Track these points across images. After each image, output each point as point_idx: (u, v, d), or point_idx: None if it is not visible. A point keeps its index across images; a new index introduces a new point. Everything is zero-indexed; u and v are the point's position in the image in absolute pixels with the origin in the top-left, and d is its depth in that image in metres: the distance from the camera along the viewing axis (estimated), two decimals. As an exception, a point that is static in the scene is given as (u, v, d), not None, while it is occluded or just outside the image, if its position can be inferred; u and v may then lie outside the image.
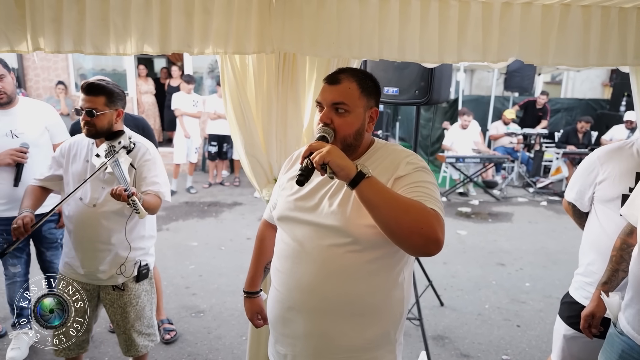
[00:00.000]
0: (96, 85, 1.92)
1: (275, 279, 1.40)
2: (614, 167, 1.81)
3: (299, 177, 1.13)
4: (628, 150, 1.83)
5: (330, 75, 1.31)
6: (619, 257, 1.62)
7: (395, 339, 1.37)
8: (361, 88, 1.28)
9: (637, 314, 1.38)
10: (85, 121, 1.90)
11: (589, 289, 1.86)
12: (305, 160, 1.14)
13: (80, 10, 1.76)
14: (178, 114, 6.42)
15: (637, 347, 1.38)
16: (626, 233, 1.62)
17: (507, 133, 7.87)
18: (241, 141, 2.06)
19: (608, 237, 1.78)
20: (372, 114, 1.32)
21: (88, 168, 1.96)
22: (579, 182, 1.95)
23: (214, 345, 2.95)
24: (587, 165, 1.92)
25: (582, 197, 1.94)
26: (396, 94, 2.72)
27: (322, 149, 1.11)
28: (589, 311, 1.69)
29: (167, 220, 5.41)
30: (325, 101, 1.27)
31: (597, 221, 1.88)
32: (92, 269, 1.98)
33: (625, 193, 1.76)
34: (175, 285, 3.73)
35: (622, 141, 1.91)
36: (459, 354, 2.92)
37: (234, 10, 1.81)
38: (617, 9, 1.99)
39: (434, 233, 1.09)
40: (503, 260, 4.49)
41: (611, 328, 1.53)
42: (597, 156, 1.90)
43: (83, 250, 1.98)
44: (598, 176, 1.85)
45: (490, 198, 6.94)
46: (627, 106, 8.28)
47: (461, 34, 1.93)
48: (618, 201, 1.77)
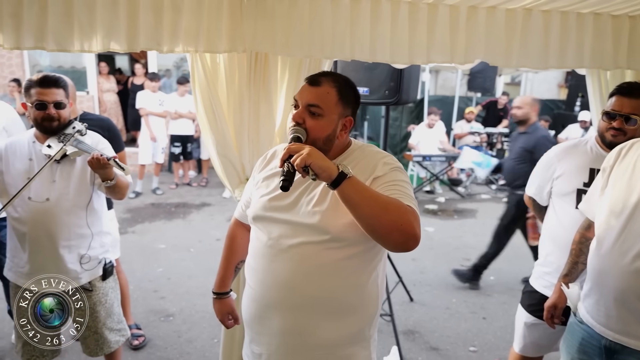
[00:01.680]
0: (55, 77, 1.86)
1: (251, 277, 1.39)
2: (569, 163, 1.91)
3: (283, 183, 1.11)
4: (583, 147, 1.92)
5: (313, 76, 1.31)
6: (578, 250, 1.70)
7: (370, 335, 1.39)
8: (340, 95, 1.28)
9: (595, 303, 1.45)
10: (49, 115, 1.83)
11: (548, 278, 1.96)
12: (285, 163, 1.13)
13: (42, 6, 1.70)
14: (143, 113, 6.25)
15: (595, 334, 1.45)
16: (584, 227, 1.69)
17: (470, 132, 8.10)
18: (212, 141, 2.04)
19: (564, 229, 1.89)
20: (346, 122, 1.32)
21: (34, 166, 1.87)
22: (538, 178, 2.06)
23: (184, 349, 2.90)
24: (545, 162, 2.02)
25: (541, 192, 2.04)
26: (366, 94, 2.76)
27: (302, 151, 1.10)
28: (551, 302, 1.76)
29: (132, 223, 5.27)
30: (302, 100, 1.27)
31: (554, 214, 1.98)
32: (54, 271, 1.89)
33: (579, 187, 1.86)
34: (142, 289, 3.64)
35: (578, 139, 2.02)
36: (429, 348, 2.99)
37: (205, 8, 1.79)
38: (575, 14, 2.09)
39: (412, 229, 1.13)
40: (469, 255, 4.62)
41: (571, 317, 1.60)
42: (554, 153, 2.00)
43: (43, 253, 1.88)
44: (555, 172, 1.95)
45: (456, 195, 7.13)
46: (581, 106, 8.69)
47: (430, 36, 1.98)
48: (573, 195, 1.87)
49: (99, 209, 2.01)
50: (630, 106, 1.70)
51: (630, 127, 1.72)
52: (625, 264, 1.34)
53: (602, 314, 1.42)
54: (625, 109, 1.71)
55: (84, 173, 1.92)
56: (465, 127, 8.20)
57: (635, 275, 1.32)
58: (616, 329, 1.39)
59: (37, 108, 1.83)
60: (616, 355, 1.40)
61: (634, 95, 1.71)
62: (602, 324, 1.42)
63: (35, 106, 1.83)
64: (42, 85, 1.83)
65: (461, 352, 2.95)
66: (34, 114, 1.84)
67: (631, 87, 1.73)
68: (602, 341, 1.42)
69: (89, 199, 1.93)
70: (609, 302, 1.39)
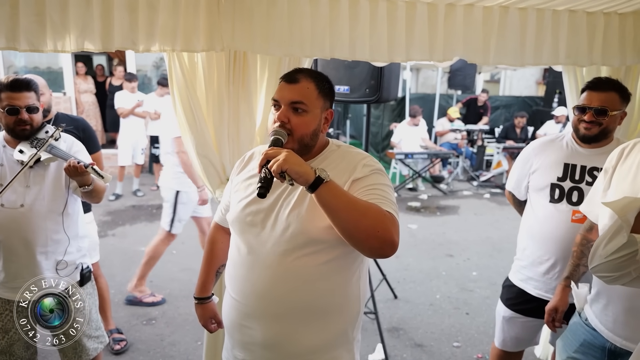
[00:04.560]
0: (26, 80, 1.80)
1: (230, 286, 1.37)
2: (545, 158, 1.95)
3: (260, 190, 1.10)
4: (559, 142, 1.97)
5: (289, 74, 1.29)
6: (580, 252, 1.66)
7: (353, 337, 1.39)
8: (319, 89, 1.28)
9: (603, 308, 1.42)
10: (21, 120, 1.78)
11: (524, 272, 2.00)
12: (263, 169, 1.12)
13: (13, 5, 1.65)
14: (121, 112, 6.14)
15: (601, 338, 1.43)
16: (586, 229, 1.66)
17: (451, 129, 8.19)
18: (192, 141, 2.01)
19: (539, 223, 1.93)
20: (328, 115, 1.32)
21: (6, 171, 1.81)
22: (516, 172, 2.09)
23: (167, 352, 2.86)
24: (523, 157, 2.06)
25: (519, 186, 2.08)
26: (347, 92, 2.76)
27: (278, 156, 1.09)
28: (553, 305, 1.73)
29: (112, 225, 5.17)
30: (284, 100, 1.25)
31: (531, 209, 2.01)
32: (30, 279, 1.84)
33: (553, 182, 1.90)
34: (123, 293, 3.58)
35: (556, 134, 2.06)
36: (414, 344, 3.02)
37: (181, 7, 1.77)
38: (550, 12, 2.13)
39: (389, 236, 1.12)
40: (452, 252, 4.68)
41: (576, 317, 1.57)
42: (532, 148, 2.04)
43: (18, 260, 1.83)
44: (532, 166, 1.99)
45: (438, 192, 7.20)
46: (559, 102, 8.85)
47: (409, 34, 1.99)
48: (547, 189, 1.91)
49: (74, 212, 1.97)
50: (599, 99, 1.78)
51: (602, 119, 1.78)
52: None
53: (610, 319, 1.40)
54: (595, 102, 1.78)
55: (58, 177, 1.87)
56: (447, 125, 8.30)
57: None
58: (624, 335, 1.37)
59: (8, 113, 1.77)
60: (620, 359, 1.38)
61: (602, 89, 1.79)
62: (610, 329, 1.41)
63: (7, 111, 1.77)
64: (13, 89, 1.76)
65: (445, 348, 2.98)
66: (5, 119, 1.78)
67: (600, 82, 1.81)
68: (607, 344, 1.41)
69: (65, 202, 1.89)
70: (617, 307, 1.38)
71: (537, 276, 1.94)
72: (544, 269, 1.91)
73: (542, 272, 1.92)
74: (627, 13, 2.23)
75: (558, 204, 1.88)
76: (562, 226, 1.85)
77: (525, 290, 1.99)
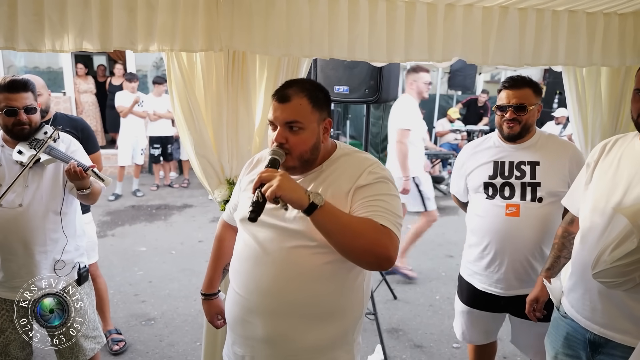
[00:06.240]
0: (24, 81, 1.80)
1: (234, 280, 1.38)
2: (477, 159, 2.04)
3: (251, 215, 1.11)
4: (487, 143, 2.07)
5: (280, 92, 1.27)
6: (561, 244, 1.71)
7: (354, 339, 1.39)
8: (312, 102, 1.25)
9: (580, 297, 1.45)
10: (19, 121, 1.78)
11: (469, 266, 2.09)
12: (256, 192, 1.12)
13: (11, 4, 1.65)
14: (121, 110, 6.13)
15: (580, 328, 1.45)
16: (567, 222, 1.71)
17: (452, 130, 8.19)
18: (190, 141, 2.01)
19: (480, 219, 2.02)
20: (326, 124, 1.30)
21: (4, 172, 1.81)
22: (455, 177, 2.19)
23: (166, 353, 2.85)
24: (459, 162, 2.16)
25: (459, 189, 2.17)
26: (346, 92, 2.75)
27: (272, 181, 1.09)
28: (533, 296, 1.77)
29: (112, 226, 5.17)
30: (278, 120, 1.24)
31: (472, 207, 2.10)
32: (28, 278, 1.83)
33: (485, 181, 1.99)
34: (123, 293, 3.58)
35: (484, 137, 2.13)
36: (413, 345, 3.01)
37: (180, 6, 1.76)
38: (550, 12, 2.12)
39: (385, 252, 1.15)
40: (451, 252, 4.66)
41: (555, 312, 1.61)
42: (464, 152, 2.14)
43: (17, 260, 1.83)
44: (467, 169, 2.08)
45: (438, 192, 7.18)
46: (559, 103, 8.84)
47: (408, 34, 1.99)
48: (481, 188, 2.00)
49: (72, 211, 1.97)
50: (516, 96, 1.89)
51: (522, 115, 1.89)
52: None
53: (588, 308, 1.43)
54: (513, 100, 1.89)
55: (56, 176, 1.87)
56: (447, 125, 8.29)
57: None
58: (601, 322, 1.39)
59: (7, 114, 1.77)
60: (601, 349, 1.40)
61: (517, 86, 1.89)
62: (588, 318, 1.43)
63: (5, 112, 1.77)
64: (11, 90, 1.76)
65: (445, 349, 2.97)
66: (3, 120, 1.78)
67: (514, 80, 1.91)
68: (587, 335, 1.43)
69: (62, 201, 1.89)
70: (594, 296, 1.40)
71: (480, 270, 2.02)
72: (485, 264, 1.99)
73: (483, 266, 2.00)
74: (627, 13, 2.23)
75: (493, 200, 1.97)
76: (498, 220, 1.94)
77: (473, 285, 2.07)
